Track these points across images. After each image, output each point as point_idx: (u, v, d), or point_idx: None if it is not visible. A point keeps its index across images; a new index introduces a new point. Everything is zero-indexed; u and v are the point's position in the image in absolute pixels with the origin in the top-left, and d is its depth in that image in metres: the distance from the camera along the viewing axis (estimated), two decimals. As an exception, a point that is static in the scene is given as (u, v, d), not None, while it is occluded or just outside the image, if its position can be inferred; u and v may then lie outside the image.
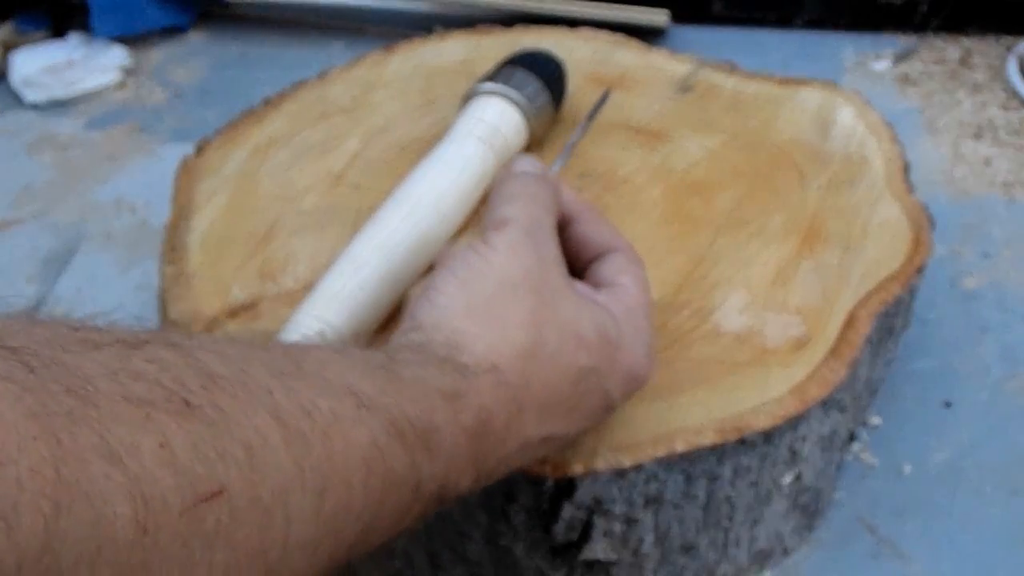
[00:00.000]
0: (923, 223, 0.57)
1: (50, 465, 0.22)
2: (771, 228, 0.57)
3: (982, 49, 1.04)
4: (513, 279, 0.38)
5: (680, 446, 0.45)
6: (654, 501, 0.47)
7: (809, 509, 0.56)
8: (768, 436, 0.47)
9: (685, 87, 0.69)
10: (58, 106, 1.02)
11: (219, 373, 0.27)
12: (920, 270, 0.55)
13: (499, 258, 0.39)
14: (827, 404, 0.50)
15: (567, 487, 0.45)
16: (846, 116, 0.66)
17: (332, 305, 0.48)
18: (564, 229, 0.45)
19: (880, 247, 0.56)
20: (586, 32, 0.75)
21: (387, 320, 0.51)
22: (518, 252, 0.39)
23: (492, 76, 0.61)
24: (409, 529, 0.35)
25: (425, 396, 0.34)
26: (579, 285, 0.42)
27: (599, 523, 0.46)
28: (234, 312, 0.53)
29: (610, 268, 0.43)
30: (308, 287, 0.52)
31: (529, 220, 0.40)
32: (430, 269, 0.50)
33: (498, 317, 0.38)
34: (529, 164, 0.45)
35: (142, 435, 0.24)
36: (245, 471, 0.26)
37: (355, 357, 0.34)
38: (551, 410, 0.39)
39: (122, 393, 0.24)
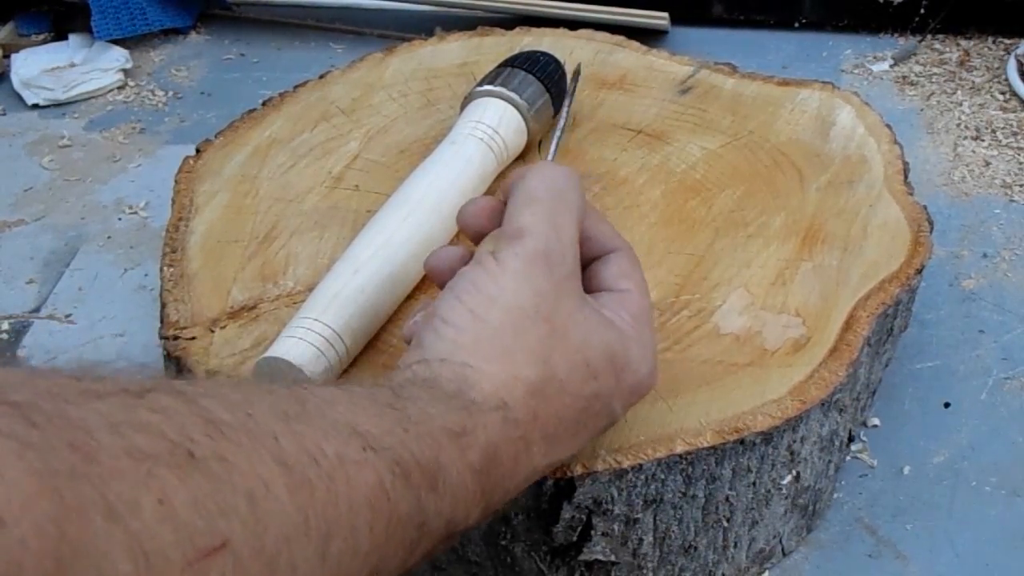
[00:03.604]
0: (922, 224, 0.57)
1: (53, 523, 0.21)
2: (771, 229, 0.57)
3: (981, 50, 1.04)
4: (523, 305, 0.37)
5: (679, 447, 0.46)
6: (653, 502, 0.47)
7: (808, 510, 0.56)
8: (767, 437, 0.47)
9: (685, 88, 0.69)
10: (59, 107, 1.02)
11: (223, 420, 0.27)
12: (919, 271, 0.55)
13: (510, 281, 0.37)
14: (826, 405, 0.50)
15: (567, 488, 0.45)
16: (846, 117, 0.66)
17: (332, 307, 0.48)
18: None
19: (879, 248, 0.56)
20: (586, 33, 0.76)
21: (387, 322, 0.51)
22: (531, 273, 0.37)
23: (492, 78, 0.61)
24: (418, 565, 0.34)
25: (431, 435, 0.33)
26: (588, 299, 0.40)
27: (598, 524, 0.47)
28: (234, 314, 0.53)
29: (613, 271, 0.42)
30: (308, 289, 0.53)
31: (547, 232, 0.38)
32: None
33: (507, 350, 0.37)
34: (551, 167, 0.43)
35: (142, 491, 0.24)
36: (248, 522, 0.26)
37: (360, 395, 0.33)
38: (558, 438, 0.38)
39: (124, 447, 0.24)
